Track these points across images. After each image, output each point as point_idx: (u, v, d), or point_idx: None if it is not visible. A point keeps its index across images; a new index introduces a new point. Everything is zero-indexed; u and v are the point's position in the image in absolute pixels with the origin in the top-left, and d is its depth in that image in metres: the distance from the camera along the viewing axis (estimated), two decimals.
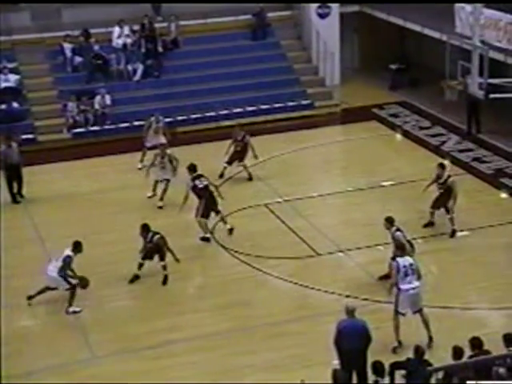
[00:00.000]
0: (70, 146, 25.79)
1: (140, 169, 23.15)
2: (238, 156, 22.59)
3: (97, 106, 26.52)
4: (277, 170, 23.30)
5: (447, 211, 19.07)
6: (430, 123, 26.56)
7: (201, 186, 19.50)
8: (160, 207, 21.08)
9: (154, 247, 17.54)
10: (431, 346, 14.72)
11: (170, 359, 15.22)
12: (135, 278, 17.66)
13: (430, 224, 19.41)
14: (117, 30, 28.20)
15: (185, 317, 16.59)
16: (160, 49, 28.39)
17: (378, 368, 12.79)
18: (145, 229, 17.74)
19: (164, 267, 17.57)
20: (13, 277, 17.59)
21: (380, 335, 14.89)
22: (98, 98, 26.53)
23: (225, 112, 27.19)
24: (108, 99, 26.59)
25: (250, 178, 22.62)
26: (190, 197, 19.32)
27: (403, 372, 12.93)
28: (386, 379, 12.89)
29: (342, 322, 13.86)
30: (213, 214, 19.38)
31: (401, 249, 16.25)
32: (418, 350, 12.96)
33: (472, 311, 16.34)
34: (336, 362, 13.76)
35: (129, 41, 28.20)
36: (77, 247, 16.90)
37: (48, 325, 16.68)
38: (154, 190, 21.63)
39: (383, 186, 21.83)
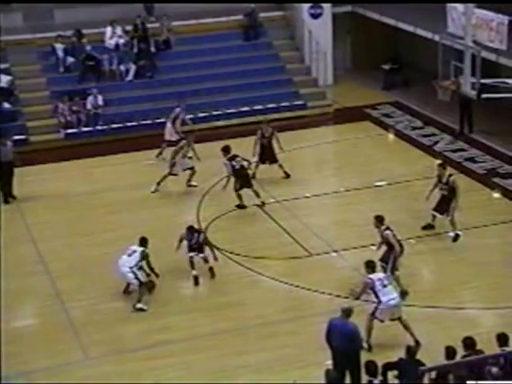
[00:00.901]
0: (62, 146, 25.73)
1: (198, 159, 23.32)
2: (268, 155, 22.38)
3: (89, 107, 26.48)
4: (269, 170, 23.27)
5: (447, 213, 18.82)
6: (422, 123, 26.60)
7: (237, 166, 20.29)
8: (195, 186, 21.81)
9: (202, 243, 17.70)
10: (418, 349, 14.69)
11: (163, 360, 15.20)
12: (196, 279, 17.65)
13: (429, 227, 19.25)
14: (109, 30, 28.18)
15: (178, 317, 16.57)
16: (152, 49, 28.38)
17: (370, 368, 12.81)
18: (191, 230, 17.77)
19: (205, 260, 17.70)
20: (5, 278, 17.53)
21: (372, 335, 14.91)
22: (90, 99, 26.49)
23: (218, 112, 27.16)
24: (100, 100, 26.56)
25: (288, 176, 22.47)
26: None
27: (396, 372, 12.96)
28: (379, 379, 12.91)
29: (333, 320, 13.89)
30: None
31: (390, 248, 16.32)
32: (410, 350, 12.98)
33: (465, 311, 16.36)
34: (329, 363, 13.77)
35: (121, 41, 28.18)
36: (146, 242, 17.02)
37: (40, 326, 16.65)
38: (159, 184, 21.73)
39: (376, 186, 21.84)
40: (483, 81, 20.52)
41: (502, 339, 12.79)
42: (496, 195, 21.36)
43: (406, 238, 18.61)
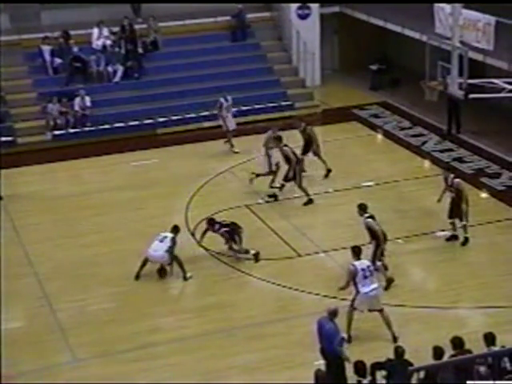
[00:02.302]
0: (49, 148, 25.65)
1: (236, 152, 24.11)
2: (303, 148, 22.49)
3: (77, 108, 26.41)
4: (258, 171, 23.28)
5: (460, 218, 18.56)
6: (410, 123, 26.64)
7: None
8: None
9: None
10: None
11: (151, 361, 15.17)
12: None
13: (453, 237, 18.84)
14: (96, 31, 28.12)
15: (166, 319, 16.56)
16: (140, 50, 28.33)
17: (359, 368, 12.81)
18: (211, 222, 18.42)
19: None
20: None
21: (360, 335, 14.93)
22: (77, 100, 26.43)
23: (205, 113, 27.14)
24: (88, 101, 26.50)
25: (329, 171, 22.49)
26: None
27: (384, 372, 12.96)
28: (368, 379, 12.92)
29: (320, 319, 13.93)
30: None
31: (374, 236, 16.36)
32: (398, 351, 13.00)
33: (453, 311, 16.38)
34: (318, 363, 13.76)
35: (108, 42, 28.13)
36: (177, 229, 17.94)
37: (28, 328, 16.59)
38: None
39: (364, 187, 21.85)
40: (470, 81, 20.56)
41: (489, 339, 12.81)
42: (484, 195, 21.40)
43: (394, 238, 18.68)
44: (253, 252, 18.26)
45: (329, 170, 22.53)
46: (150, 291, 17.42)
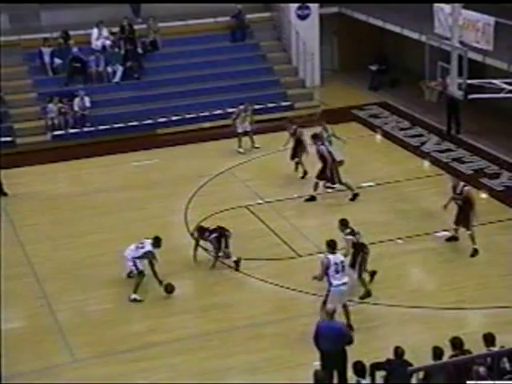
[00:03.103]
0: (49, 148, 25.65)
1: (241, 153, 24.30)
2: (292, 152, 22.70)
3: (76, 108, 26.41)
4: (257, 171, 23.31)
5: (467, 226, 18.42)
6: (410, 124, 26.65)
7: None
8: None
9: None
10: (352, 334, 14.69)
11: (150, 362, 15.17)
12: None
13: (453, 238, 18.81)
14: (95, 31, 28.12)
15: (165, 319, 16.54)
16: (139, 50, 28.34)
17: (358, 369, 12.81)
18: (200, 231, 18.21)
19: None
20: None
21: (359, 336, 14.92)
22: (77, 100, 26.43)
23: (205, 114, 27.16)
24: (87, 101, 26.50)
25: (305, 173, 22.56)
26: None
27: (383, 373, 12.97)
28: (367, 379, 12.92)
29: (320, 323, 13.91)
30: None
31: (356, 251, 16.50)
32: (398, 351, 12.99)
33: (452, 311, 16.38)
34: (317, 363, 13.77)
35: (108, 42, 28.13)
36: (158, 242, 17.15)
37: (27, 328, 16.59)
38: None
39: (364, 187, 21.84)
40: (470, 81, 20.55)
41: (488, 339, 12.81)
42: (483, 195, 21.39)
43: (395, 238, 18.70)
44: (234, 259, 18.12)
45: (305, 173, 22.61)
46: (149, 292, 17.40)
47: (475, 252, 18.34)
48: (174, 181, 22.70)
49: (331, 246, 15.42)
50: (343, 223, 16.94)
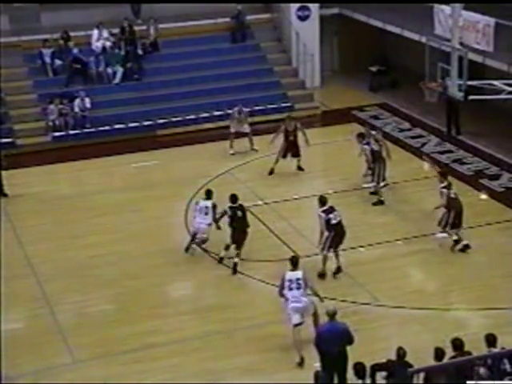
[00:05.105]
0: (49, 149, 25.64)
1: (232, 154, 24.26)
2: (292, 149, 22.74)
3: (76, 109, 26.41)
4: (257, 172, 23.30)
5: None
6: (410, 125, 26.65)
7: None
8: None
9: None
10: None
11: (150, 363, 15.16)
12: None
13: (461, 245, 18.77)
14: (95, 32, 28.13)
15: (165, 320, 16.53)
16: (140, 52, 28.34)
17: (359, 370, 12.81)
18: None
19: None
20: None
21: (360, 337, 14.89)
22: (77, 101, 26.43)
23: (205, 115, 27.16)
24: (88, 102, 26.49)
25: (301, 169, 22.89)
26: None
27: (384, 373, 12.96)
28: (368, 381, 12.92)
29: (322, 326, 13.88)
30: None
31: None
32: (400, 352, 12.99)
33: (453, 312, 16.39)
34: (318, 365, 13.77)
35: (108, 44, 28.13)
36: (211, 193, 18.50)
37: (27, 329, 16.59)
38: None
39: (364, 188, 21.83)
40: (470, 82, 20.55)
41: (489, 340, 12.81)
42: (483, 197, 21.40)
43: (394, 240, 18.68)
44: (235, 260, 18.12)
45: (301, 168, 22.92)
46: (150, 293, 17.42)
47: (456, 243, 18.49)
48: (174, 182, 22.71)
49: (293, 262, 15.31)
50: (321, 201, 17.59)
